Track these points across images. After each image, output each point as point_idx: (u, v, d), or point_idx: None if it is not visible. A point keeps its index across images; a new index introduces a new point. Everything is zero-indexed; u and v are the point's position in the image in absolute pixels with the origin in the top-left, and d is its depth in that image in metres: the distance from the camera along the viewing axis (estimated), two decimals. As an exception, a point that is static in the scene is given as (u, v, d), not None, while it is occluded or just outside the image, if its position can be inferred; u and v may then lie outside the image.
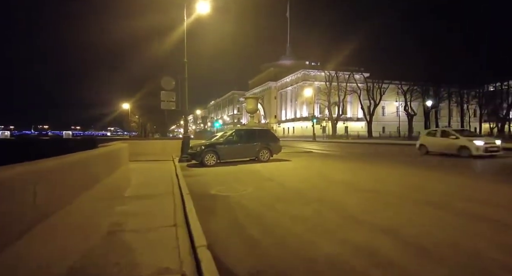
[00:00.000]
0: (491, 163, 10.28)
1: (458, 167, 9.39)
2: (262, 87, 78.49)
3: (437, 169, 8.90)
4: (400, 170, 8.79)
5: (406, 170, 8.76)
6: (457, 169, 8.93)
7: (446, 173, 8.08)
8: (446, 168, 9.25)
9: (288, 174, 8.34)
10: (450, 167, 9.35)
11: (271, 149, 11.66)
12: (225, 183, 6.92)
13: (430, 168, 9.27)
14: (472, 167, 9.34)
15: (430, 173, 8.02)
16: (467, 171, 8.52)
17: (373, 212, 4.14)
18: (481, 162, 10.32)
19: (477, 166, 9.59)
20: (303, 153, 16.65)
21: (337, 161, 12.06)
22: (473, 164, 9.91)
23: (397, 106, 61.90)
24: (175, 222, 3.53)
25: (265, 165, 10.45)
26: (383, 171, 8.76)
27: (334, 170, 9.22)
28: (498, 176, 7.48)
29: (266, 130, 12.35)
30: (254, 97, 18.37)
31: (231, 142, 11.33)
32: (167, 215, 3.83)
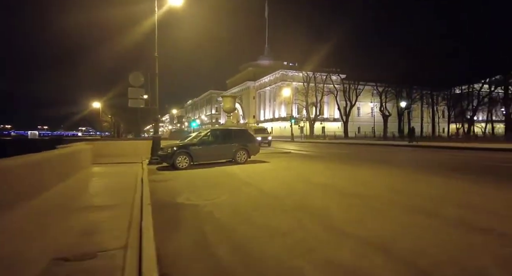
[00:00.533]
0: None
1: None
2: (241, 87, 77.87)
3: (417, 170, 8.75)
4: (381, 171, 8.55)
5: (388, 171, 8.52)
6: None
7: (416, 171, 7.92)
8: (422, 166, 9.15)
9: (266, 176, 7.81)
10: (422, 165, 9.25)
11: (248, 150, 11.11)
12: (197, 188, 6.26)
13: (411, 168, 9.12)
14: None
15: (414, 175, 7.81)
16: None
17: (360, 222, 3.69)
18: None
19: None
20: (282, 153, 16.26)
21: (317, 162, 11.73)
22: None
23: (372, 107, 63.70)
24: (126, 243, 2.87)
25: (242, 167, 9.87)
26: (364, 172, 8.47)
27: (314, 171, 8.82)
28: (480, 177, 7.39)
29: (243, 130, 11.77)
30: (231, 96, 17.71)
31: (206, 143, 10.63)
32: (118, 233, 3.14)
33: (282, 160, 12.31)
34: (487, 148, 16.25)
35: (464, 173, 7.80)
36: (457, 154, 14.19)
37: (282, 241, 3.12)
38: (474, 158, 11.81)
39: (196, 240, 3.23)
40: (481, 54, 41.78)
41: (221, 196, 5.33)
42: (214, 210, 4.42)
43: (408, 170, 8.64)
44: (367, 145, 24.69)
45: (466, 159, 11.77)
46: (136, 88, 11.12)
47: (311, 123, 49.65)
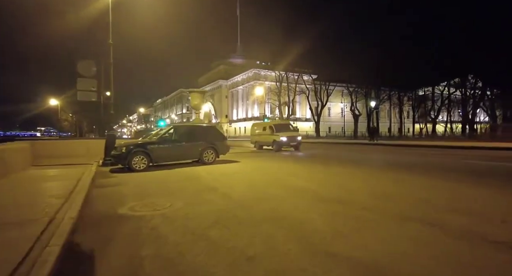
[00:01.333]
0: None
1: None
2: (213, 85, 76.15)
3: (391, 169, 8.29)
4: (356, 170, 7.96)
5: (367, 172, 7.95)
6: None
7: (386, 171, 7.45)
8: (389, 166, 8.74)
9: (235, 179, 6.88)
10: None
11: (216, 149, 10.09)
12: (149, 195, 5.18)
13: (385, 168, 8.66)
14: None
15: (392, 175, 7.29)
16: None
17: (347, 236, 2.89)
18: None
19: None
20: (254, 153, 15.43)
21: (290, 161, 11.01)
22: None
23: (342, 107, 65.17)
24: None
25: (209, 169, 8.85)
26: (342, 173, 7.84)
27: (288, 172, 8.03)
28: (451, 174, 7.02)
29: (211, 127, 10.73)
30: (199, 92, 16.53)
31: (168, 141, 9.47)
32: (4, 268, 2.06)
33: (253, 160, 11.45)
34: (442, 146, 17.17)
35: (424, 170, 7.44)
36: (412, 151, 14.27)
37: (247, 270, 2.21)
38: (424, 155, 11.78)
39: (127, 273, 2.23)
40: (442, 57, 44.12)
41: (175, 205, 4.31)
42: (162, 224, 3.41)
43: (379, 169, 8.15)
44: (336, 144, 24.65)
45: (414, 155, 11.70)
46: (86, 78, 9.67)
47: (284, 123, 49.48)
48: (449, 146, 16.77)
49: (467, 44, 43.02)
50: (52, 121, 77.53)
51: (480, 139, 23.81)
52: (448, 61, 43.66)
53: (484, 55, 40.30)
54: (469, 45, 42.56)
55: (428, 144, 18.73)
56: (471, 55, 41.53)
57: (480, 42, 41.54)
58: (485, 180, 5.93)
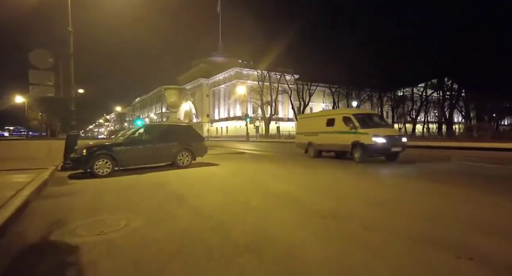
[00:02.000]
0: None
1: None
2: (193, 84, 74.38)
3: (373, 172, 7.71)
4: (349, 175, 7.31)
5: (357, 176, 7.31)
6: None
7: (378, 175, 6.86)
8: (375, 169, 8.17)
9: (211, 186, 6.00)
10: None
11: (193, 151, 9.14)
12: (104, 209, 4.21)
13: (370, 170, 8.07)
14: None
15: (385, 179, 6.68)
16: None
17: (356, 270, 2.12)
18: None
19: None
20: (235, 154, 14.56)
21: (274, 163, 10.24)
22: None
23: (323, 107, 65.52)
24: None
25: (183, 173, 7.91)
26: (329, 176, 7.15)
27: (271, 176, 7.25)
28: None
29: (187, 127, 9.74)
30: (176, 89, 15.37)
31: (137, 142, 8.43)
32: None
33: (234, 162, 10.59)
34: (421, 146, 17.08)
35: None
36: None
37: None
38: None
39: None
40: (421, 59, 45.06)
41: (131, 224, 3.40)
42: (103, 258, 2.49)
43: (362, 172, 7.55)
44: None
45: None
46: (41, 71, 8.42)
47: (267, 123, 48.87)
48: (427, 146, 16.72)
49: (444, 48, 44.35)
50: (22, 120, 72.77)
51: (458, 139, 24.24)
52: (426, 63, 44.84)
53: (459, 58, 41.62)
54: (446, 49, 43.86)
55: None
56: (447, 58, 42.81)
57: (456, 46, 42.87)
58: (476, 182, 5.41)
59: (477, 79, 41.39)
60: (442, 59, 43.15)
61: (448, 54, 42.94)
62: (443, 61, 43.02)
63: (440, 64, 43.34)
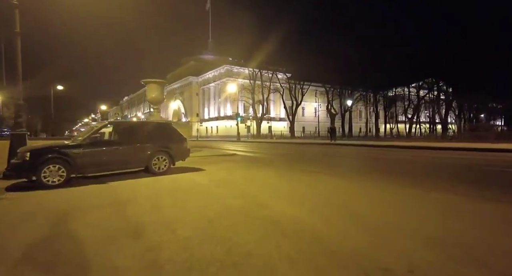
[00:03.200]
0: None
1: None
2: (182, 82, 72.22)
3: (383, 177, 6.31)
4: (364, 184, 5.87)
5: (363, 184, 5.88)
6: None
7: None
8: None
9: (188, 204, 4.44)
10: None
11: (171, 154, 7.54)
12: (13, 253, 2.61)
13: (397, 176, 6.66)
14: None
15: (410, 190, 5.25)
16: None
17: None
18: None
19: None
20: (224, 156, 13.00)
21: (268, 168, 8.73)
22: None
23: (315, 107, 64.54)
24: None
25: (156, 183, 6.33)
26: (340, 186, 5.70)
27: (266, 187, 5.75)
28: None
29: (164, 125, 8.11)
30: (157, 82, 13.60)
31: (101, 144, 6.81)
32: None
33: (222, 166, 9.03)
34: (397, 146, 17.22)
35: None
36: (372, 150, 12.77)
37: None
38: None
39: None
40: (416, 59, 44.40)
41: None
42: None
43: (369, 177, 6.13)
44: (318, 145, 22.95)
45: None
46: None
47: (258, 122, 47.37)
48: (429, 147, 15.57)
49: (438, 49, 43.73)
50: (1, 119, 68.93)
51: (462, 140, 23.39)
52: (418, 63, 44.20)
53: (450, 59, 41.13)
54: (437, 49, 43.28)
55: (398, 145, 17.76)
56: (439, 59, 42.26)
57: (448, 46, 42.33)
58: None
59: (469, 80, 41.03)
60: (434, 60, 42.63)
61: (439, 54, 42.40)
62: (435, 62, 42.52)
63: (431, 64, 42.82)
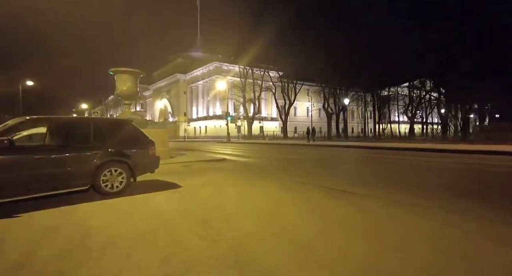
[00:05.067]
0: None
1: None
2: (169, 80, 69.18)
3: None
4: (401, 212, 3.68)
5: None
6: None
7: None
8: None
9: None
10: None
11: (131, 164, 5.14)
12: None
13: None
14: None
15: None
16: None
17: None
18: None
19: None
20: (212, 162, 10.64)
21: (273, 183, 6.41)
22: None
23: (308, 107, 62.77)
24: None
25: (97, 217, 3.96)
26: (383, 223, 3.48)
27: (283, 234, 3.48)
28: None
29: (123, 123, 5.63)
30: (128, 72, 10.97)
31: (19, 149, 4.36)
32: None
33: (207, 179, 6.67)
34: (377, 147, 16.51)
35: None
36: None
37: None
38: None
39: None
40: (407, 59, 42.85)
41: None
42: None
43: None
44: (310, 147, 20.87)
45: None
46: None
47: (249, 122, 45.04)
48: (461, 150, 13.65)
49: (428, 48, 42.38)
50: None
51: (477, 142, 21.81)
52: (412, 62, 42.87)
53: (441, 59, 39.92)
54: (429, 49, 41.87)
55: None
56: (430, 59, 40.94)
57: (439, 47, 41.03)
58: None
59: (460, 80, 40.02)
60: (425, 60, 41.27)
61: (431, 54, 41.09)
62: (427, 62, 41.19)
63: (423, 64, 41.48)
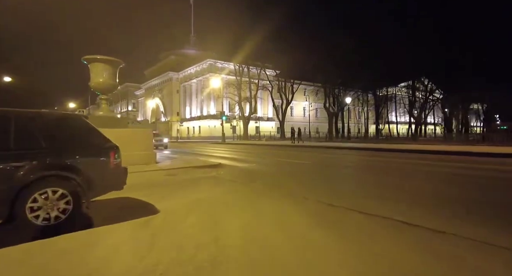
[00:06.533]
0: None
1: None
2: (162, 78, 66.92)
3: None
4: None
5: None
6: None
7: None
8: None
9: None
10: None
11: (81, 181, 3.31)
12: None
13: None
14: None
15: None
16: None
17: None
18: None
19: None
20: (204, 169, 8.79)
21: (284, 203, 4.66)
22: None
23: (304, 107, 61.29)
24: None
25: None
26: None
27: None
28: None
29: (66, 119, 3.66)
30: (104, 60, 9.03)
31: None
32: None
33: (196, 199, 4.78)
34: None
35: None
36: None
37: None
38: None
39: None
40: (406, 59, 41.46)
41: None
42: None
43: None
44: (318, 149, 19.20)
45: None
46: None
47: (245, 122, 43.22)
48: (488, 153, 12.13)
49: (424, 48, 41.05)
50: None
51: (494, 143, 20.43)
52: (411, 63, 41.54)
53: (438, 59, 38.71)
54: (426, 49, 40.52)
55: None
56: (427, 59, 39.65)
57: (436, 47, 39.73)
58: None
59: (455, 81, 38.95)
60: (422, 60, 39.97)
61: (428, 54, 39.76)
62: (424, 62, 39.92)
63: (420, 64, 40.21)
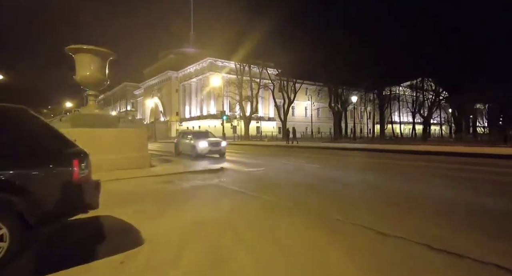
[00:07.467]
0: None
1: None
2: (161, 77, 65.82)
3: None
4: None
5: None
6: None
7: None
8: None
9: None
10: None
11: (23, 207, 2.23)
12: None
13: None
14: None
15: None
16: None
17: None
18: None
19: None
20: (204, 175, 7.74)
21: (311, 228, 3.63)
22: None
23: (305, 106, 60.24)
24: None
25: None
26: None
27: None
28: None
29: (10, 116, 2.57)
30: (92, 51, 7.91)
31: None
32: None
33: (194, 221, 3.69)
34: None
35: None
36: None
37: None
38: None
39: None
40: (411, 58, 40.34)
41: None
42: None
43: None
44: (327, 150, 18.14)
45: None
46: None
47: (246, 122, 42.13)
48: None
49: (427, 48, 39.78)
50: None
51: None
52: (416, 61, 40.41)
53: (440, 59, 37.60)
54: (429, 49, 39.27)
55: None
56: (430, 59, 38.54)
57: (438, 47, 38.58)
58: None
59: (457, 81, 37.93)
60: (425, 60, 38.84)
61: (431, 54, 38.59)
62: (426, 62, 38.82)
63: (423, 64, 39.10)
